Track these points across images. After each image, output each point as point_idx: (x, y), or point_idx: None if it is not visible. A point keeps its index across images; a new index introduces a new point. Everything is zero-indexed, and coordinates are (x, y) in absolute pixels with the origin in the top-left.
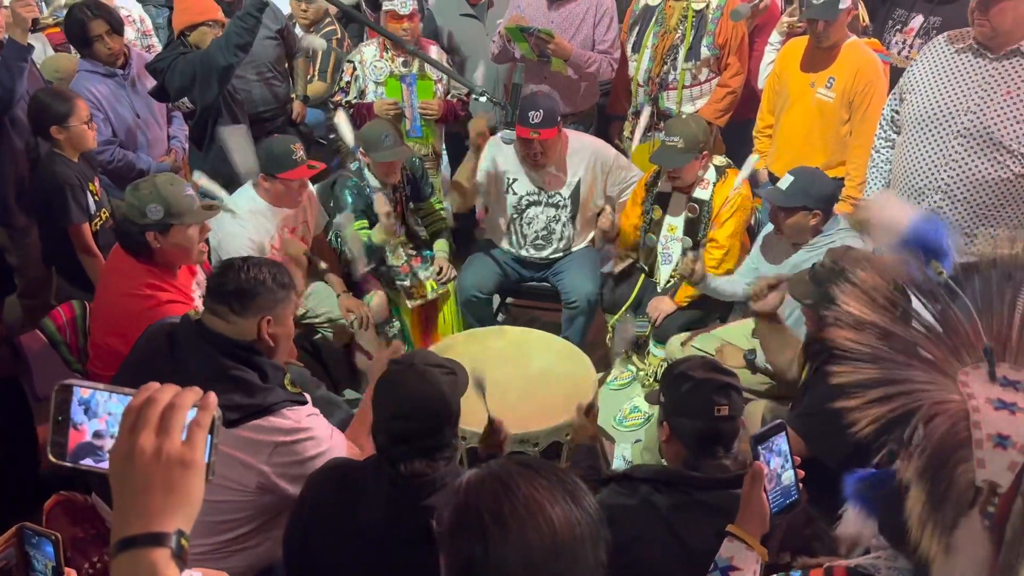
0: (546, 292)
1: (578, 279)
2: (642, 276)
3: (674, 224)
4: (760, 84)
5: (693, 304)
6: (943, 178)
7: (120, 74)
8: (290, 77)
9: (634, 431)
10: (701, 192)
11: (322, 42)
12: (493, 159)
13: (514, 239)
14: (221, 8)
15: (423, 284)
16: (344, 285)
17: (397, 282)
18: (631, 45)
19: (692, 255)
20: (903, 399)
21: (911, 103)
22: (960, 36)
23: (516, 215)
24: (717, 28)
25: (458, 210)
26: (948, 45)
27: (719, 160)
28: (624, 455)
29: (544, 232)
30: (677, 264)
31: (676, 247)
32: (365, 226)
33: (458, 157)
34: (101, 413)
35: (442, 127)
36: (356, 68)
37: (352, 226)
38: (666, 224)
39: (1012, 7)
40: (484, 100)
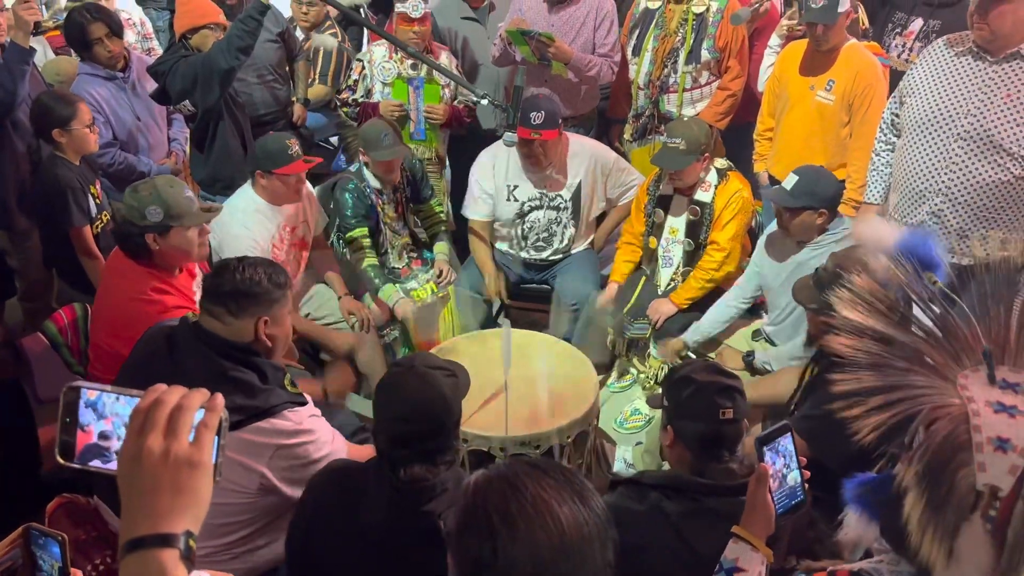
0: (546, 294)
1: (578, 281)
2: (643, 279)
3: (675, 226)
4: (760, 87)
5: (694, 306)
6: (944, 181)
7: (120, 77)
8: (291, 80)
9: (635, 433)
10: (702, 194)
11: (333, 40)
12: (492, 171)
13: (514, 241)
14: (223, 11)
15: (423, 287)
16: (345, 287)
17: (398, 285)
18: (631, 48)
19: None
20: (904, 405)
21: (911, 106)
22: (959, 39)
23: (518, 220)
24: (717, 31)
25: None
26: (947, 48)
27: (720, 163)
28: (625, 457)
29: (545, 234)
30: (672, 281)
31: (677, 249)
32: (365, 233)
33: (461, 162)
34: (107, 414)
35: (446, 132)
36: (365, 67)
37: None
38: (667, 226)
39: (1011, 10)
40: (486, 103)
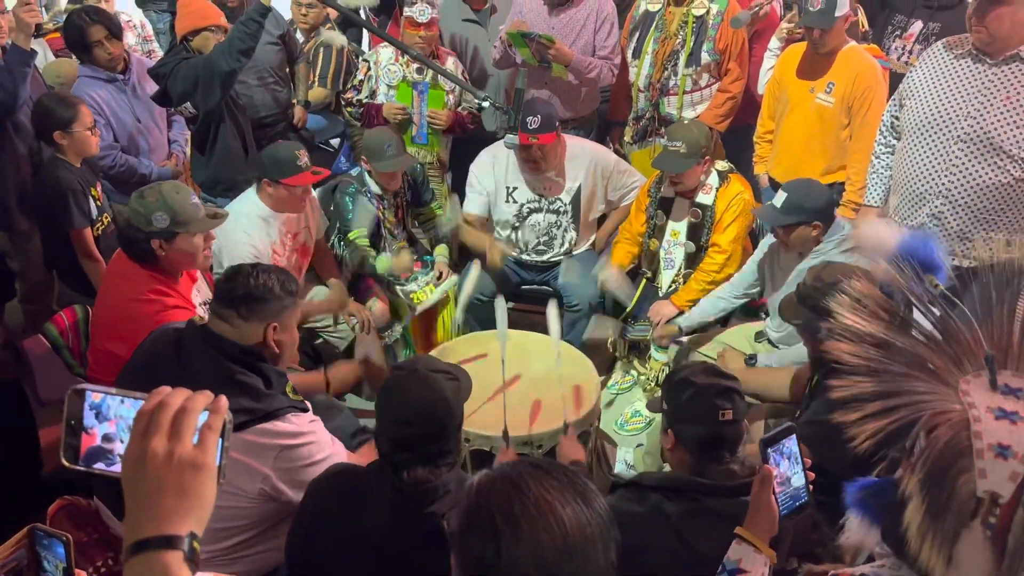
0: (547, 296)
1: (579, 282)
2: (644, 280)
3: (677, 229)
4: (760, 90)
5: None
6: (944, 183)
7: (120, 79)
8: (291, 82)
9: (635, 435)
10: (704, 197)
11: (342, 37)
12: (491, 169)
13: (515, 244)
14: (224, 13)
15: (423, 290)
16: (346, 289)
17: (398, 287)
18: (631, 51)
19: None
20: (904, 411)
21: (911, 109)
22: (959, 42)
23: (518, 222)
24: (717, 34)
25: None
26: (947, 51)
27: (721, 165)
28: (626, 459)
29: (545, 238)
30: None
31: (679, 252)
32: (364, 234)
33: (463, 166)
34: (111, 417)
35: (449, 137)
36: (371, 68)
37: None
38: (669, 229)
39: (1009, 13)
40: (487, 106)
